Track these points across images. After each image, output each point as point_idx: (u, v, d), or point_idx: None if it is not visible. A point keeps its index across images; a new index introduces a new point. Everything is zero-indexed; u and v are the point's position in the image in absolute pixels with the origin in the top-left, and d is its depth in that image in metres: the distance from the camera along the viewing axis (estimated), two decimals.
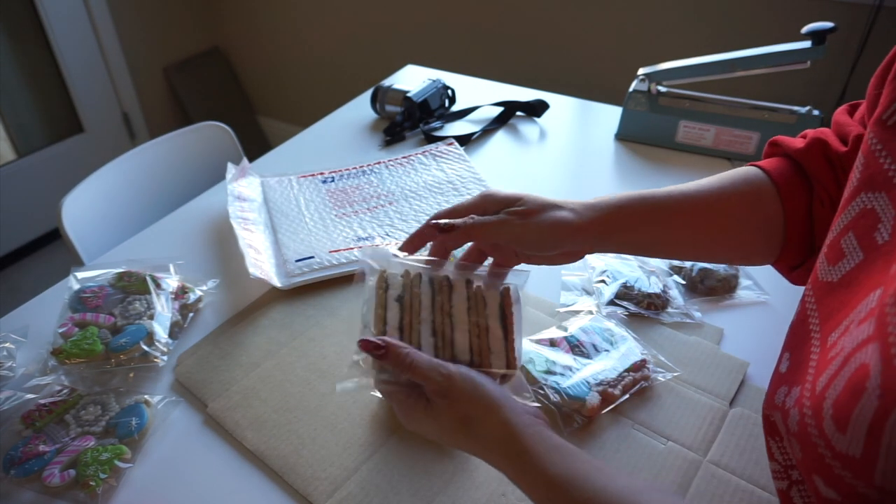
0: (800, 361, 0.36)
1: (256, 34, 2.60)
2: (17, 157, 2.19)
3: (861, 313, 0.31)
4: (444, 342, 0.46)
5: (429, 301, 0.48)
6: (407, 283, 0.49)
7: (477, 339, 0.47)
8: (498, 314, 0.48)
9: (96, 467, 0.54)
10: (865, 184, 0.36)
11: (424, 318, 0.47)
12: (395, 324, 0.47)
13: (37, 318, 0.73)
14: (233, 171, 0.92)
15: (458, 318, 0.47)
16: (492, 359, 0.46)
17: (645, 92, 1.06)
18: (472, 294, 0.49)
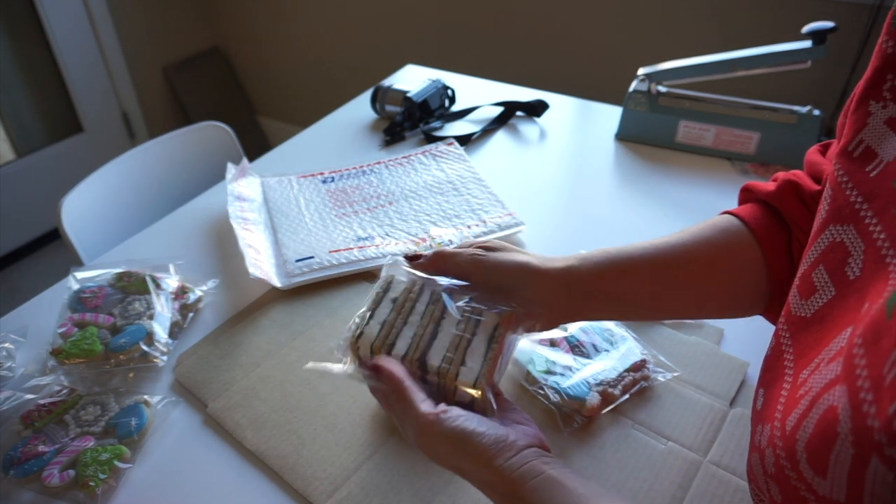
0: (771, 398, 0.36)
1: (256, 34, 2.60)
2: (16, 157, 2.19)
3: (831, 351, 0.31)
4: (421, 343, 0.46)
5: (422, 308, 0.48)
6: (407, 288, 0.50)
7: (454, 349, 0.46)
8: (489, 334, 0.46)
9: (96, 468, 0.54)
10: (833, 216, 0.36)
11: (412, 321, 0.48)
12: (381, 318, 0.48)
13: (36, 318, 0.73)
14: (233, 171, 0.92)
15: (445, 328, 0.47)
16: (461, 371, 0.44)
17: (645, 92, 1.06)
18: (469, 312, 0.48)
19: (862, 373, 0.26)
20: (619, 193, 0.96)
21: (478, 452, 0.39)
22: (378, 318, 0.48)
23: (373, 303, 0.49)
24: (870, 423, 0.24)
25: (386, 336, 0.47)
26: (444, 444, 0.40)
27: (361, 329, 0.47)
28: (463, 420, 0.40)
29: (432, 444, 0.40)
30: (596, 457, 0.56)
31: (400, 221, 0.87)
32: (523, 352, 0.63)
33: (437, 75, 1.26)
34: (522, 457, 0.39)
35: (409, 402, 0.41)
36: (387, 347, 0.46)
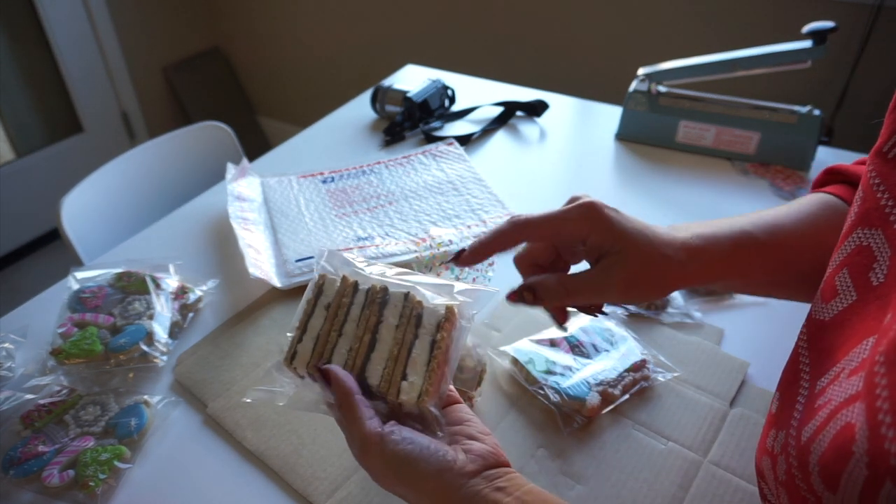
0: (786, 404, 0.35)
1: (256, 34, 2.60)
2: (16, 157, 2.19)
3: (852, 362, 0.30)
4: (356, 360, 0.42)
5: (357, 313, 0.44)
6: (340, 291, 0.44)
7: (393, 362, 0.41)
8: (431, 337, 0.42)
9: (95, 468, 0.54)
10: (862, 219, 0.35)
11: (347, 331, 0.43)
12: (314, 333, 0.43)
13: (36, 318, 0.72)
14: (232, 171, 0.92)
15: (383, 335, 0.42)
16: (402, 388, 0.40)
17: (645, 92, 1.06)
18: (408, 310, 0.43)
19: (882, 393, 0.25)
20: (619, 193, 0.96)
21: (418, 479, 0.36)
22: (311, 331, 0.43)
23: (304, 314, 0.44)
24: (886, 446, 0.24)
25: (321, 353, 0.42)
26: (385, 467, 0.37)
27: (294, 348, 0.43)
28: (407, 443, 0.37)
29: (374, 466, 0.38)
30: (596, 457, 0.56)
31: (400, 221, 0.87)
32: (523, 352, 0.63)
33: (436, 75, 1.26)
34: (470, 486, 0.36)
35: (355, 418, 0.38)
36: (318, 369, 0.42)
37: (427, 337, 0.42)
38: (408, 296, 0.43)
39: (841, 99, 1.55)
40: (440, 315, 0.42)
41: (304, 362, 0.43)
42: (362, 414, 0.38)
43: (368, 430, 0.37)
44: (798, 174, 1.00)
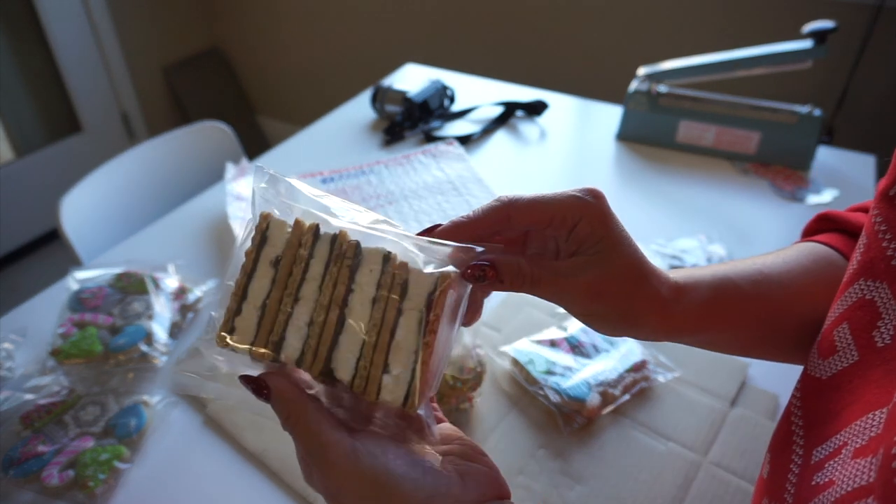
0: (778, 470, 0.32)
1: (256, 34, 2.59)
2: (15, 157, 2.19)
3: (858, 438, 0.27)
4: (319, 343, 0.31)
5: (320, 271, 0.32)
6: (293, 240, 0.32)
7: (370, 349, 0.31)
8: (420, 314, 0.31)
9: (95, 468, 0.54)
10: (865, 269, 0.31)
11: (306, 295, 0.31)
12: (259, 300, 0.32)
13: (36, 318, 0.72)
14: (232, 170, 0.92)
15: (355, 310, 0.31)
16: (383, 384, 0.30)
17: (645, 92, 1.06)
18: (389, 276, 0.32)
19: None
20: (619, 193, 0.96)
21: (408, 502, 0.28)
22: (254, 298, 0.32)
23: (243, 273, 0.32)
24: None
25: (269, 330, 0.31)
26: (357, 488, 0.29)
27: (231, 323, 0.31)
28: (391, 458, 0.29)
29: (343, 489, 0.29)
30: (596, 457, 0.56)
31: (400, 221, 0.87)
32: (523, 352, 0.63)
33: (436, 74, 1.26)
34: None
35: (309, 428, 0.30)
36: (272, 347, 0.31)
37: (414, 314, 0.31)
38: (388, 257, 0.32)
39: (841, 98, 1.55)
40: (432, 285, 0.31)
41: (245, 343, 0.31)
42: (320, 423, 0.30)
43: (332, 442, 0.29)
44: (798, 174, 1.00)
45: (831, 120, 1.56)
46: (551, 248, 0.36)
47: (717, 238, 0.83)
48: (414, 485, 0.29)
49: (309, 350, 0.31)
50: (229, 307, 0.32)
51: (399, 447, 0.30)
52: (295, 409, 0.30)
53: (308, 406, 0.30)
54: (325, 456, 0.29)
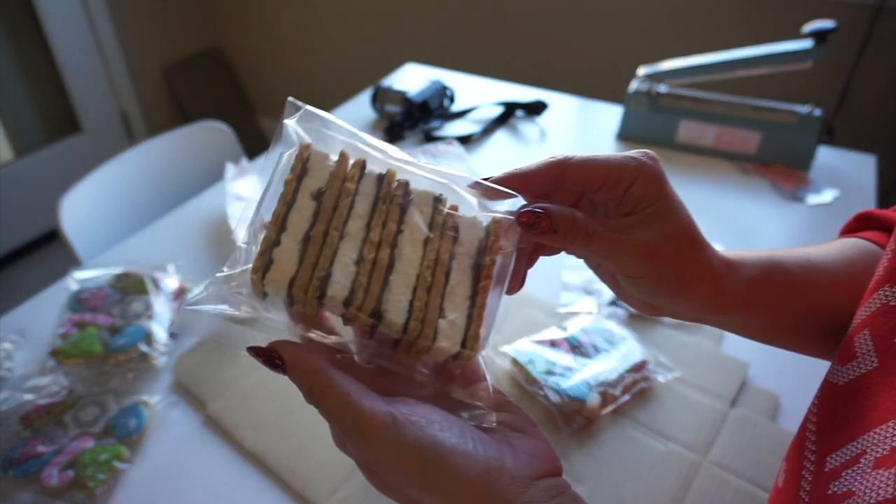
0: (791, 478, 0.31)
1: (255, 34, 2.59)
2: (15, 157, 2.19)
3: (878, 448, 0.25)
4: (369, 281, 0.28)
5: (367, 209, 0.30)
6: (339, 172, 0.30)
7: (425, 292, 0.29)
8: (472, 259, 0.30)
9: (95, 468, 0.54)
10: (890, 275, 0.30)
11: (352, 232, 0.29)
12: (300, 233, 0.29)
13: (35, 318, 0.72)
14: (232, 170, 0.92)
15: (405, 251, 0.29)
16: (439, 329, 0.28)
17: (645, 92, 1.06)
18: (440, 218, 0.31)
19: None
20: None
21: (454, 482, 0.25)
22: (294, 231, 0.29)
23: (283, 201, 0.29)
24: None
25: (313, 264, 0.28)
26: (401, 463, 0.26)
27: (270, 254, 0.28)
28: (437, 427, 0.26)
29: (382, 461, 0.26)
30: (596, 457, 0.56)
31: None
32: (523, 352, 0.63)
33: (436, 74, 1.26)
34: (526, 498, 0.26)
35: (338, 400, 0.26)
36: (315, 289, 0.28)
37: (467, 259, 0.30)
38: (440, 199, 0.31)
39: (841, 98, 1.55)
40: (483, 231, 0.31)
41: (284, 278, 0.28)
42: (349, 393, 0.26)
43: (368, 413, 0.26)
44: (799, 174, 1.00)
45: (831, 120, 1.56)
46: (600, 214, 0.34)
47: (718, 238, 0.83)
48: (465, 458, 0.26)
49: (359, 288, 0.28)
50: (266, 236, 0.28)
51: (446, 415, 0.27)
52: (318, 381, 0.27)
53: (332, 374, 0.27)
54: (360, 429, 0.26)
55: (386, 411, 0.26)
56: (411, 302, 0.28)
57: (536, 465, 0.27)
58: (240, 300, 0.29)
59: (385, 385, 0.29)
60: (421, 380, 0.29)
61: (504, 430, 0.29)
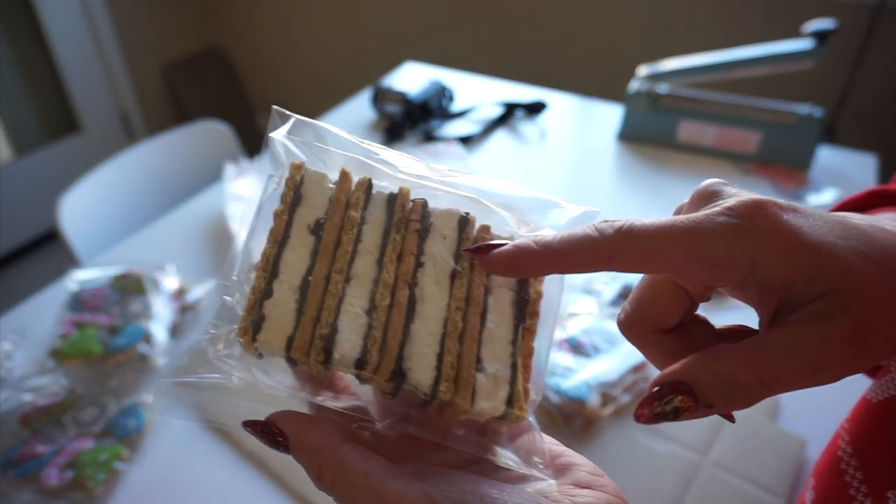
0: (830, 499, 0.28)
1: (255, 33, 2.59)
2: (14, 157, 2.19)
3: None
4: (385, 335, 0.23)
5: (377, 241, 0.24)
6: (340, 197, 0.25)
7: (456, 342, 0.23)
8: (512, 293, 0.24)
9: (94, 468, 0.54)
10: None
11: (360, 273, 0.24)
12: (297, 279, 0.23)
13: (35, 318, 0.72)
14: (232, 170, 0.92)
15: (427, 290, 0.24)
16: (478, 387, 0.23)
17: (646, 92, 1.06)
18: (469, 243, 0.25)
19: None
20: (620, 193, 0.96)
21: None
22: (289, 275, 0.23)
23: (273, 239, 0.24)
24: None
25: (313, 319, 0.23)
26: None
27: (260, 309, 0.23)
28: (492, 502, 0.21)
29: None
30: (596, 458, 0.56)
31: None
32: None
33: (436, 73, 1.26)
34: None
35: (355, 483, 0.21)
36: (318, 351, 0.23)
37: (506, 293, 0.24)
38: (466, 219, 0.25)
39: (842, 98, 1.55)
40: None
41: (280, 339, 0.23)
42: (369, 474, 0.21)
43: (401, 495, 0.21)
44: (799, 174, 1.00)
45: (832, 119, 1.56)
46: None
47: None
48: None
49: (373, 344, 0.22)
50: (255, 287, 0.23)
51: (493, 483, 0.22)
52: (329, 460, 0.22)
53: (345, 451, 0.22)
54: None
55: (420, 493, 0.21)
56: (440, 355, 0.23)
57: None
58: (231, 367, 0.24)
59: (412, 451, 0.24)
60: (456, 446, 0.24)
61: (569, 490, 0.23)
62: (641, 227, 0.21)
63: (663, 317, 0.23)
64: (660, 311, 0.23)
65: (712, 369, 0.20)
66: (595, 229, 0.21)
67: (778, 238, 0.20)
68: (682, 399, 0.20)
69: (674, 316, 0.24)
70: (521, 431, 0.25)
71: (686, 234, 0.20)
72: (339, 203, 0.24)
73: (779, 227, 0.20)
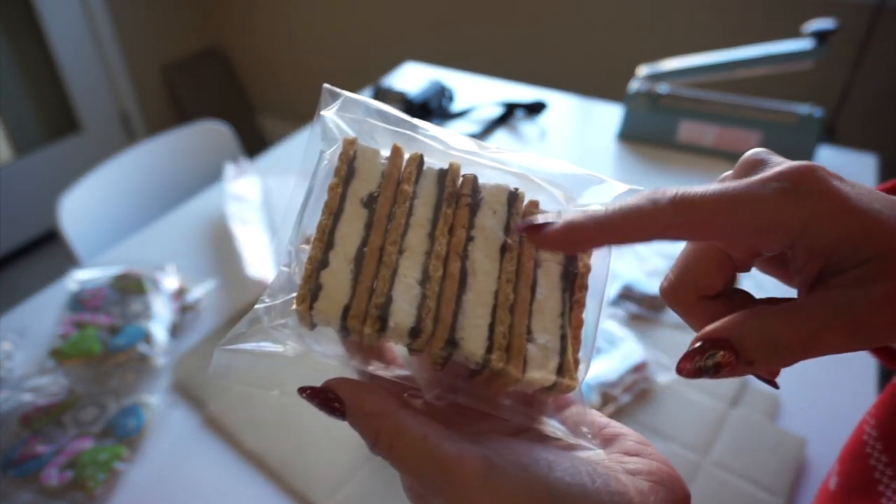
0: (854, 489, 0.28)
1: (255, 33, 2.59)
2: (14, 157, 2.19)
3: None
4: (439, 305, 0.23)
5: (428, 215, 0.25)
6: (392, 171, 0.25)
7: (507, 313, 0.24)
8: (561, 267, 0.25)
9: (94, 468, 0.54)
10: None
11: (412, 245, 0.24)
12: (352, 250, 0.24)
13: (35, 318, 0.72)
14: (231, 170, 0.92)
15: (479, 263, 0.24)
16: (529, 357, 0.23)
17: (646, 92, 1.06)
18: (518, 217, 0.25)
19: None
20: None
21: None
22: (344, 247, 0.24)
23: (328, 211, 0.24)
24: None
25: (369, 289, 0.23)
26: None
27: (316, 278, 0.23)
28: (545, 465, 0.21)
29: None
30: None
31: None
32: None
33: (436, 73, 1.26)
34: None
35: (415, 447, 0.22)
36: (374, 319, 0.23)
37: (554, 267, 0.25)
38: (516, 194, 0.26)
39: (842, 98, 1.55)
40: None
41: (336, 308, 0.23)
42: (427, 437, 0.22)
43: (455, 458, 0.21)
44: None
45: (832, 119, 1.56)
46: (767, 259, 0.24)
47: None
48: (586, 500, 0.21)
49: (427, 314, 0.23)
50: (311, 256, 0.23)
51: (548, 448, 0.22)
52: (386, 425, 0.22)
53: (402, 416, 0.22)
54: (448, 479, 0.21)
55: (478, 454, 0.21)
56: (491, 325, 0.23)
57: (664, 494, 0.22)
58: (285, 335, 0.24)
59: (460, 422, 0.24)
60: (505, 415, 0.24)
61: (619, 458, 0.23)
62: (695, 195, 0.21)
63: (707, 283, 0.23)
64: (703, 277, 0.23)
65: (755, 327, 0.21)
66: (649, 200, 0.21)
67: (828, 201, 0.20)
68: (724, 354, 0.21)
69: (717, 282, 0.24)
70: (567, 404, 0.25)
71: (739, 200, 0.20)
72: (391, 177, 0.25)
73: (829, 190, 0.20)
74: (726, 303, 0.24)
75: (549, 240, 0.23)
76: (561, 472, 0.21)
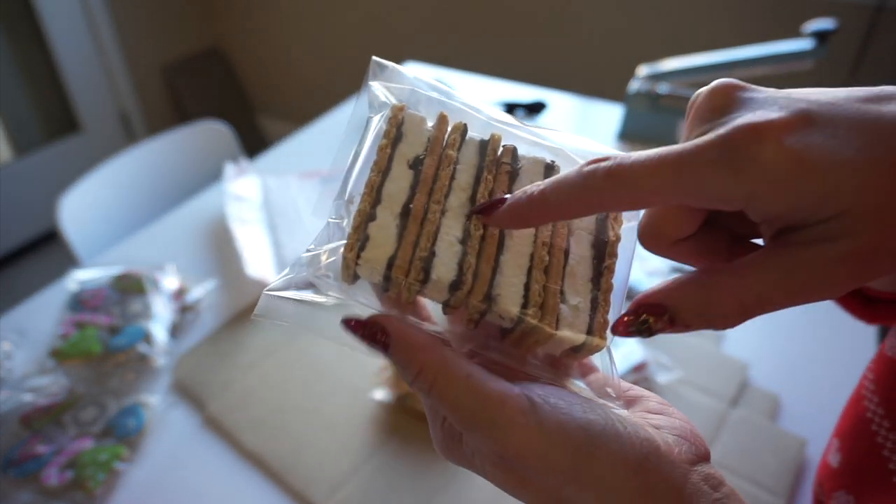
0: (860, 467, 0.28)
1: (255, 33, 2.59)
2: (14, 157, 2.19)
3: None
4: (479, 262, 0.25)
5: (469, 181, 0.26)
6: (438, 137, 0.27)
7: (542, 274, 0.25)
8: (592, 236, 0.26)
9: (94, 468, 0.54)
10: None
11: (454, 207, 0.26)
12: (398, 207, 0.25)
13: (35, 318, 0.72)
14: (231, 170, 0.92)
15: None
16: (561, 316, 0.24)
17: (646, 92, 1.06)
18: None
19: None
20: None
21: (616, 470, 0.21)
22: (391, 203, 0.25)
23: (377, 169, 0.26)
24: None
25: (413, 243, 0.24)
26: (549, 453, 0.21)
27: (365, 230, 0.24)
28: (580, 409, 0.22)
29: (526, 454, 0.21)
30: None
31: None
32: None
33: (436, 73, 1.26)
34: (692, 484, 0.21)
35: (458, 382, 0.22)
36: (417, 271, 0.24)
37: (585, 235, 0.26)
38: (552, 167, 0.27)
39: None
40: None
41: (382, 258, 0.24)
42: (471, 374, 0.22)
43: (498, 395, 0.21)
44: None
45: None
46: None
47: None
48: (620, 443, 0.21)
49: (468, 269, 0.24)
50: (361, 209, 0.25)
51: (586, 400, 0.22)
52: (431, 359, 0.22)
53: (447, 352, 0.22)
54: (491, 415, 0.21)
55: (520, 393, 0.22)
56: (527, 285, 0.24)
57: (688, 447, 0.22)
58: (328, 284, 0.25)
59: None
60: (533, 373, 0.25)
61: (644, 414, 0.24)
62: (631, 166, 0.20)
63: (674, 231, 0.23)
64: (670, 226, 0.23)
65: (692, 296, 0.21)
66: (581, 174, 0.21)
67: (774, 169, 0.19)
68: (655, 319, 0.21)
69: (686, 228, 0.23)
70: (590, 370, 0.26)
71: (676, 169, 0.20)
72: (437, 142, 0.27)
73: (776, 156, 0.19)
74: (705, 237, 0.23)
75: (497, 220, 0.24)
76: (595, 416, 0.22)
